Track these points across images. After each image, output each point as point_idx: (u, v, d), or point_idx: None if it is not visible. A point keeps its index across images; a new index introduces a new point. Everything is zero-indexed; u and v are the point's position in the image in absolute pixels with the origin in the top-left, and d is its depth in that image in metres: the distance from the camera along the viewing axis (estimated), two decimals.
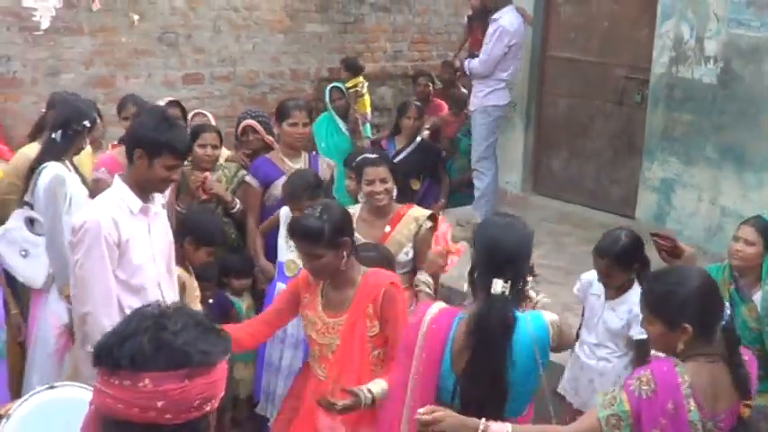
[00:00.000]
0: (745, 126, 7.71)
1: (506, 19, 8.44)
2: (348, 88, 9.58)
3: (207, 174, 5.86)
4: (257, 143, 6.54)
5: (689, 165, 8.16)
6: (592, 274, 5.09)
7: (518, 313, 3.55)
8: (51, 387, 3.54)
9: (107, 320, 4.07)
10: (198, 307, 5.08)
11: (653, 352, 3.66)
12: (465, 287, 3.79)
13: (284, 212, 5.67)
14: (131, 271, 4.25)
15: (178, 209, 5.72)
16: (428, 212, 5.33)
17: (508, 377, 3.48)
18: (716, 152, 7.97)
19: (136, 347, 1.94)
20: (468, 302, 3.78)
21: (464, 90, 10.22)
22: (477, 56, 8.67)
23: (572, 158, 9.36)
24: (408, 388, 3.63)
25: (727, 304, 3.51)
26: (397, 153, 8.15)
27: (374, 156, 5.46)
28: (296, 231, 4.11)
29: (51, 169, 5.14)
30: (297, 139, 6.12)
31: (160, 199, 4.50)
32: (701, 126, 8.04)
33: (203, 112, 7.04)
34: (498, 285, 3.48)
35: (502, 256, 3.54)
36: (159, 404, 1.91)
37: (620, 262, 4.82)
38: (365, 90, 9.96)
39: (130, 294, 4.25)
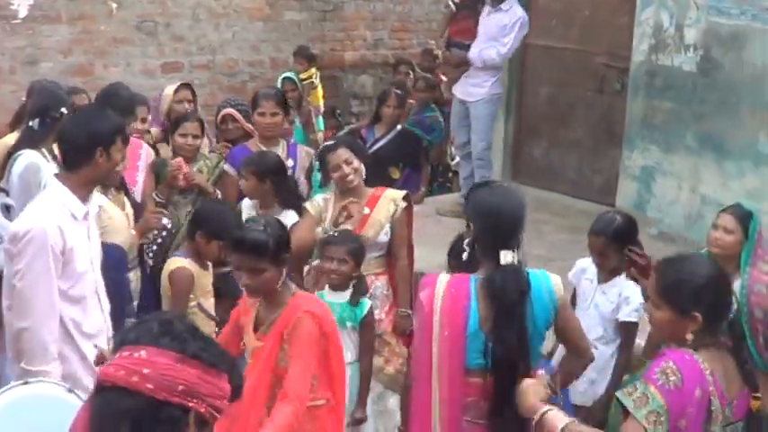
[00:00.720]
0: (726, 114, 7.72)
1: (521, 9, 8.31)
2: (303, 79, 9.39)
3: (180, 159, 5.79)
4: (237, 132, 6.54)
5: (669, 153, 8.17)
6: (586, 261, 5.16)
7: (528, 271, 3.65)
8: (25, 383, 3.52)
9: (48, 336, 3.93)
10: (210, 303, 5.05)
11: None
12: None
13: (245, 205, 5.64)
14: (74, 280, 4.04)
15: (157, 199, 5.67)
16: (403, 193, 5.43)
17: (530, 334, 3.61)
18: (696, 140, 7.98)
19: (145, 329, 2.04)
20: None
21: (444, 78, 10.19)
22: (461, 45, 8.47)
23: (552, 147, 9.36)
24: (433, 365, 3.62)
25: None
26: (377, 141, 8.13)
27: (330, 142, 5.51)
28: (242, 244, 3.87)
29: (26, 157, 5.05)
30: (266, 129, 6.13)
31: (96, 200, 4.35)
32: (682, 114, 8.05)
33: (186, 83, 6.92)
34: (508, 256, 3.56)
35: (506, 227, 3.62)
36: (145, 371, 1.96)
37: (615, 242, 4.92)
38: (318, 81, 9.83)
39: (70, 305, 4.05)
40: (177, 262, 4.99)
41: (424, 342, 3.65)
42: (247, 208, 5.61)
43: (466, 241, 3.78)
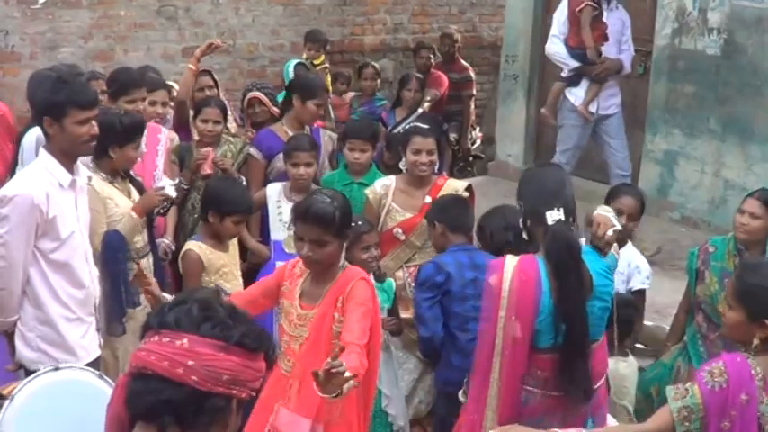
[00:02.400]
0: (749, 98, 7.68)
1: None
2: (315, 65, 9.20)
3: (209, 149, 5.80)
4: (264, 115, 6.53)
5: (692, 137, 8.14)
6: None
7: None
8: (55, 369, 3.54)
9: (16, 299, 4.13)
10: (236, 283, 5.05)
11: None
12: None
13: (271, 190, 5.62)
14: (58, 243, 4.15)
15: (181, 185, 5.65)
16: (465, 184, 5.43)
17: (587, 301, 3.67)
18: (719, 124, 7.94)
19: (183, 311, 2.01)
20: None
21: (465, 64, 10.12)
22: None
23: None
24: (496, 346, 3.70)
25: None
26: (398, 125, 8.09)
27: (425, 126, 5.42)
28: (307, 214, 3.83)
29: (34, 131, 5.06)
30: (313, 119, 6.15)
31: (85, 171, 4.42)
32: (705, 98, 8.01)
33: (207, 69, 6.89)
34: (552, 216, 3.61)
35: (548, 191, 3.72)
36: (189, 363, 1.94)
37: (641, 208, 5.25)
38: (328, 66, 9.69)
39: (55, 269, 4.17)
40: (188, 245, 5.01)
41: (490, 322, 3.72)
42: (275, 193, 5.59)
43: (520, 220, 3.84)
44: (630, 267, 5.09)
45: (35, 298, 4.15)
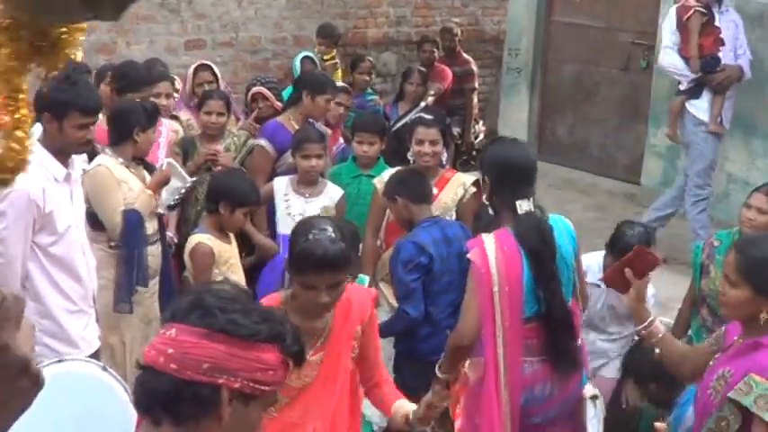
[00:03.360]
0: (752, 92, 7.67)
1: None
2: (326, 60, 9.04)
3: (218, 147, 5.79)
4: (267, 110, 6.48)
5: None
6: (591, 258, 5.06)
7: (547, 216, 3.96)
8: (59, 361, 3.53)
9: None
10: (240, 275, 5.04)
11: None
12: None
13: (279, 184, 5.59)
14: (56, 237, 4.13)
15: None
16: (473, 178, 5.33)
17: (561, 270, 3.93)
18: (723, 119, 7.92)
19: (177, 306, 2.01)
20: None
21: (467, 57, 10.09)
22: (716, 58, 7.24)
23: (577, 124, 9.33)
24: (496, 319, 3.84)
25: None
26: (400, 118, 8.11)
27: (429, 117, 5.43)
28: (324, 263, 3.29)
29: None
30: (322, 115, 6.11)
31: (80, 163, 4.42)
32: None
33: (207, 63, 6.90)
34: (524, 205, 3.83)
35: (520, 180, 3.88)
36: (169, 351, 1.92)
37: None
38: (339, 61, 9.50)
39: (53, 262, 4.15)
40: (196, 239, 4.97)
41: (485, 298, 3.83)
42: (282, 186, 5.56)
43: (484, 196, 4.06)
44: None
45: (35, 292, 4.14)
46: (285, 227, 5.49)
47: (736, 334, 3.38)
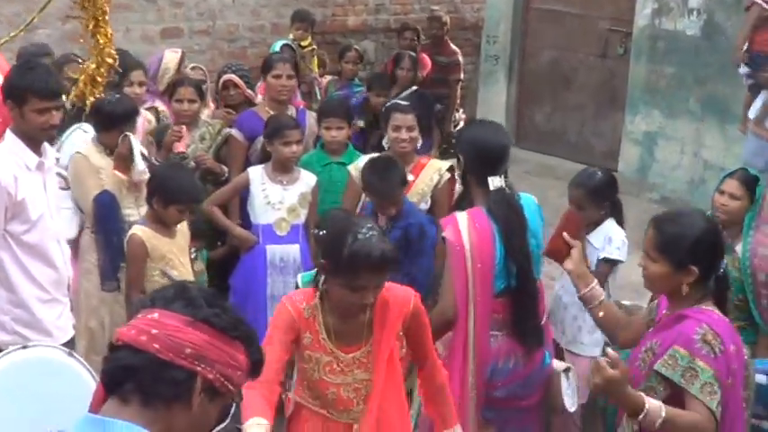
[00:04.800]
0: (728, 79, 7.69)
1: None
2: (303, 46, 8.92)
3: (183, 127, 5.76)
4: (238, 98, 6.48)
5: (671, 117, 8.17)
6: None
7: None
8: (24, 347, 3.52)
9: None
10: (183, 271, 4.97)
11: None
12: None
13: (253, 173, 5.55)
14: (29, 226, 4.12)
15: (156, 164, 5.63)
16: (448, 164, 5.40)
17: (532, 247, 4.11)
18: (698, 105, 7.98)
19: (160, 294, 2.05)
20: None
21: (454, 48, 10.03)
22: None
23: (555, 111, 9.34)
24: (469, 293, 4.01)
25: None
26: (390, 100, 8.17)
27: (405, 103, 5.43)
28: (382, 264, 3.24)
29: None
30: (280, 92, 6.03)
31: (53, 153, 4.40)
32: (684, 79, 8.05)
33: (200, 66, 6.87)
34: (496, 181, 4.02)
35: (494, 156, 4.07)
36: (153, 331, 1.95)
37: (594, 195, 4.98)
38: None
39: (26, 250, 4.14)
40: (133, 229, 4.91)
41: (460, 273, 4.00)
42: (258, 176, 5.53)
43: (458, 174, 4.30)
44: (606, 239, 5.03)
45: (8, 281, 4.12)
46: (266, 216, 5.48)
47: (666, 307, 3.46)
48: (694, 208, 4.06)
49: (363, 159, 5.34)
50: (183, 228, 5.06)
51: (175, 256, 4.95)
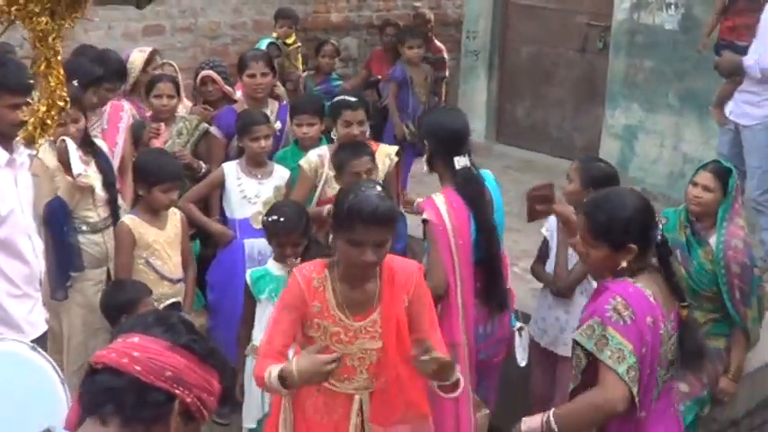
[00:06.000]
0: (707, 72, 7.70)
1: None
2: (288, 44, 9.04)
3: (161, 124, 5.80)
4: (216, 94, 6.51)
5: (651, 111, 8.20)
6: None
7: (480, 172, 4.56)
8: None
9: None
10: (172, 264, 5.03)
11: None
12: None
13: (228, 168, 5.59)
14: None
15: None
16: (395, 148, 5.66)
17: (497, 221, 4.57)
18: (677, 98, 8.01)
19: (139, 320, 2.12)
20: None
21: (440, 45, 10.00)
22: (735, 47, 6.86)
23: (535, 106, 9.36)
24: (456, 269, 4.37)
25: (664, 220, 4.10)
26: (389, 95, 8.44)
27: (353, 99, 5.47)
28: (377, 216, 3.36)
29: None
30: (256, 90, 6.07)
31: (25, 149, 4.36)
32: (663, 72, 8.07)
33: (170, 63, 6.88)
34: (461, 161, 4.42)
35: (456, 138, 4.48)
36: (135, 354, 2.00)
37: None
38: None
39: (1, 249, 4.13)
40: (122, 218, 4.99)
41: (445, 250, 4.35)
42: (233, 171, 5.56)
43: (424, 158, 4.57)
44: None
45: None
46: (242, 210, 5.52)
47: None
48: (620, 187, 4.08)
49: (314, 153, 5.43)
50: (174, 221, 5.11)
51: (162, 247, 4.99)
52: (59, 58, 3.78)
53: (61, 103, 3.77)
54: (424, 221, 4.42)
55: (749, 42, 6.46)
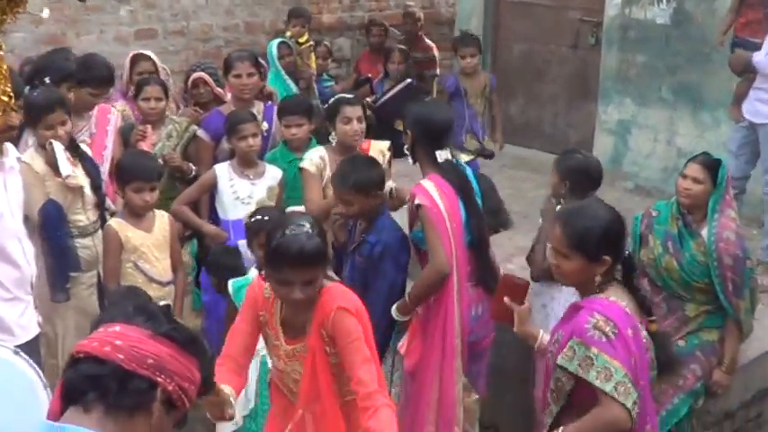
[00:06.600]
0: (699, 66, 7.75)
1: None
2: (300, 43, 8.98)
3: (148, 126, 5.79)
4: (207, 96, 6.51)
5: (644, 106, 8.20)
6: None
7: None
8: None
9: None
10: (161, 267, 5.02)
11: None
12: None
13: (220, 170, 5.57)
14: None
15: None
16: (387, 144, 5.60)
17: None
18: (670, 93, 8.01)
19: (120, 309, 2.11)
20: None
21: (429, 43, 10.02)
22: (749, 44, 6.75)
23: (528, 103, 9.36)
24: (452, 251, 4.47)
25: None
26: (384, 93, 8.60)
27: (350, 96, 5.55)
28: (302, 257, 3.32)
29: None
30: (242, 91, 6.03)
31: (14, 152, 4.39)
32: (656, 67, 8.07)
33: (146, 53, 6.78)
34: (443, 155, 4.57)
35: (440, 131, 4.60)
36: (117, 342, 2.01)
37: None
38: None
39: None
40: (109, 221, 4.98)
41: (443, 232, 4.45)
42: (224, 172, 5.56)
43: (405, 147, 4.68)
44: None
45: None
46: (235, 212, 5.51)
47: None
48: (593, 199, 4.10)
49: (316, 154, 5.41)
50: (163, 223, 5.09)
51: (149, 250, 4.98)
52: (1, 53, 3.77)
53: (5, 98, 3.75)
54: (418, 207, 4.45)
55: (762, 39, 6.37)
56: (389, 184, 5.20)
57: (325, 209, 5.14)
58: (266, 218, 4.64)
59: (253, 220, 4.77)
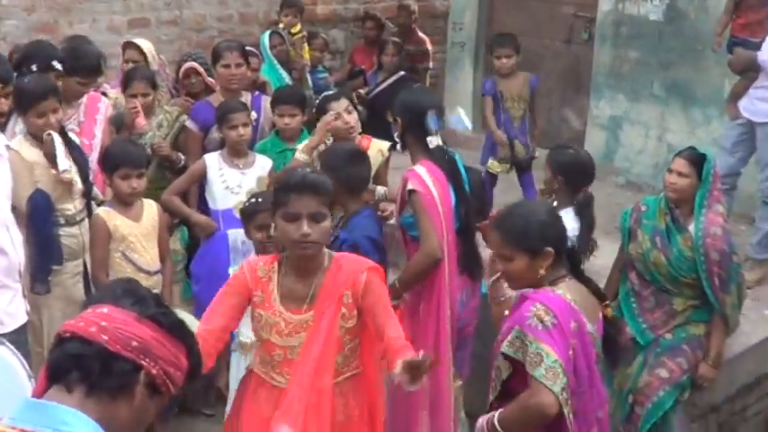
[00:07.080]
0: (692, 62, 7.76)
1: None
2: (293, 33, 8.94)
3: (136, 101, 5.75)
4: (199, 86, 6.48)
5: (636, 102, 8.22)
6: None
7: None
8: None
9: None
10: (149, 257, 5.01)
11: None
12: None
13: (210, 159, 5.57)
14: None
15: None
16: (388, 144, 5.49)
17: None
18: (663, 89, 8.02)
19: (108, 291, 2.13)
20: None
21: (423, 36, 10.02)
22: (748, 43, 6.73)
23: None
24: (444, 235, 4.48)
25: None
26: (377, 85, 8.69)
27: (332, 92, 5.59)
28: (305, 184, 3.47)
29: None
30: (230, 81, 6.01)
31: (2, 140, 4.37)
32: (648, 63, 8.09)
33: (135, 41, 6.74)
34: (434, 141, 4.57)
35: (427, 116, 4.54)
36: (102, 323, 2.01)
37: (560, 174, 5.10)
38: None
39: None
40: (96, 210, 4.98)
41: (435, 217, 4.46)
42: (214, 161, 5.56)
43: (395, 134, 4.72)
44: None
45: None
46: (225, 201, 5.51)
47: None
48: (521, 200, 4.27)
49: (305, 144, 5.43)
50: (151, 213, 5.08)
51: (137, 239, 4.96)
52: None
53: None
54: (411, 192, 4.46)
55: (762, 38, 6.32)
56: (380, 190, 5.24)
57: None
58: (260, 200, 4.65)
59: (247, 203, 4.78)
